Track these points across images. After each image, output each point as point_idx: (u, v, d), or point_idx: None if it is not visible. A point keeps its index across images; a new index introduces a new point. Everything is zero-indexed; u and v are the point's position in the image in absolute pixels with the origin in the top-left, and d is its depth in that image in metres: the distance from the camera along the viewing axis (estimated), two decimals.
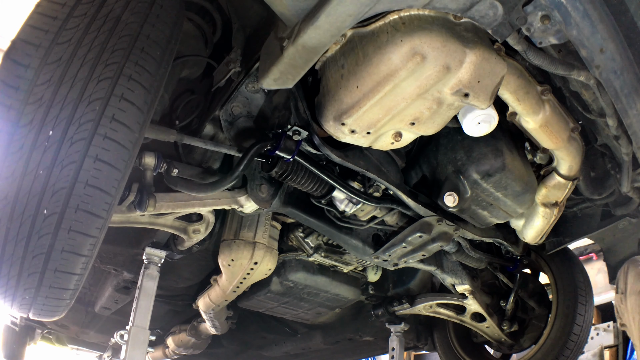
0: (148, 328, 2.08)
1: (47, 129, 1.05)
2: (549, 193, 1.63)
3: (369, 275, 2.53)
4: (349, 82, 1.15)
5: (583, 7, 0.95)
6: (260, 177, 1.64)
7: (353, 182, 1.52)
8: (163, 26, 1.22)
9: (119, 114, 1.10)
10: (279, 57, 1.11)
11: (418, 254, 1.78)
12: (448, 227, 1.66)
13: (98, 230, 1.15)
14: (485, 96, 1.14)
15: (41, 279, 1.15)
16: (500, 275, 2.38)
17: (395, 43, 1.06)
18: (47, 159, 1.05)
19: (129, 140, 1.12)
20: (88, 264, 1.21)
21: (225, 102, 1.47)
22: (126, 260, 2.34)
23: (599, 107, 1.33)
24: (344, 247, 1.94)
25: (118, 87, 1.10)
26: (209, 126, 1.60)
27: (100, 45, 1.10)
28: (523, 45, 1.05)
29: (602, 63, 1.06)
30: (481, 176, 1.45)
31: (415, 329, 3.17)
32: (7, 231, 1.08)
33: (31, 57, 1.06)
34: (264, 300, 2.47)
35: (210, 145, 1.50)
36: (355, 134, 1.23)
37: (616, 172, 1.59)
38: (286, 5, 1.03)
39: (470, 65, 1.08)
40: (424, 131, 1.25)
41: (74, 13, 1.11)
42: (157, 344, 3.43)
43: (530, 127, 1.34)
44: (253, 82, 1.41)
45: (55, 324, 3.25)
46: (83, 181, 1.07)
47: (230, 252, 2.02)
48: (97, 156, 1.08)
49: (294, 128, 1.36)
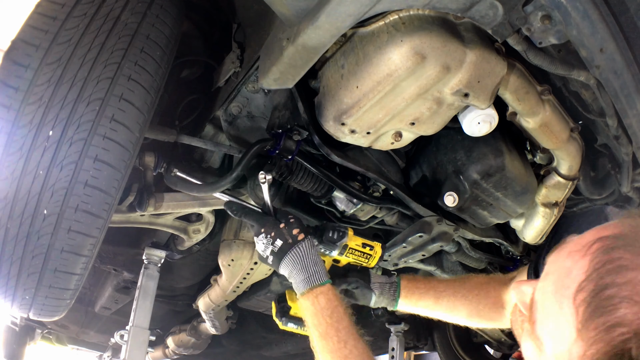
0: (148, 328, 2.08)
1: (47, 129, 1.05)
2: (549, 193, 1.62)
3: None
4: (349, 82, 1.15)
5: (583, 7, 0.95)
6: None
7: (353, 182, 1.52)
8: (163, 26, 1.22)
9: (119, 114, 1.10)
10: (279, 57, 1.11)
11: (418, 254, 1.78)
12: (448, 227, 1.66)
13: (98, 231, 1.16)
14: (485, 96, 1.14)
15: (41, 279, 1.15)
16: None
17: (396, 43, 1.06)
18: (47, 159, 1.05)
19: (128, 140, 1.13)
20: (88, 264, 1.21)
21: (225, 102, 1.47)
22: (126, 260, 2.34)
23: (599, 107, 1.32)
24: None
25: (117, 88, 1.10)
26: (209, 126, 1.60)
27: (100, 45, 1.10)
28: (523, 45, 1.05)
29: (602, 63, 1.06)
30: (481, 176, 1.44)
31: (415, 329, 3.18)
32: (7, 231, 1.08)
33: (31, 58, 1.06)
34: (264, 300, 2.46)
35: (210, 145, 1.50)
36: (355, 134, 1.23)
37: (616, 172, 1.59)
38: (286, 5, 1.03)
39: (470, 65, 1.08)
40: (424, 131, 1.25)
41: (73, 13, 1.11)
42: (157, 344, 3.44)
43: (530, 127, 1.34)
44: (253, 82, 1.41)
45: (55, 324, 3.25)
46: (83, 181, 1.08)
47: (230, 252, 2.02)
48: (96, 156, 1.08)
49: (294, 128, 1.36)
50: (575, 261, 0.72)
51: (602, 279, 0.67)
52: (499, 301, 1.44)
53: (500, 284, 1.47)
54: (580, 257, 0.71)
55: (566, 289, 0.70)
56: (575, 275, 0.70)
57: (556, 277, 0.74)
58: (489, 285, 1.49)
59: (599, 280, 0.67)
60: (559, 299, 0.71)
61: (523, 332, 0.82)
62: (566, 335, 0.69)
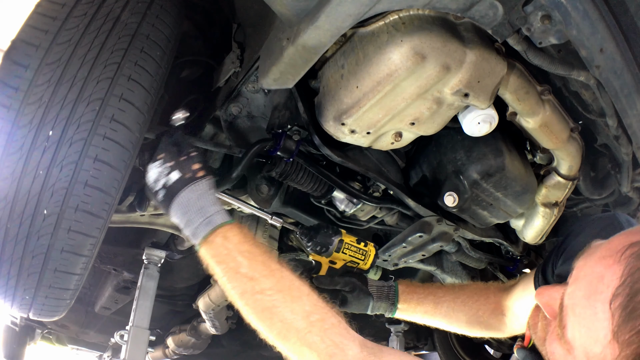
0: (148, 328, 2.08)
1: (47, 129, 1.05)
2: (549, 193, 1.62)
3: (369, 275, 2.53)
4: (349, 82, 1.15)
5: (583, 7, 0.95)
6: (260, 177, 1.64)
7: (353, 182, 1.52)
8: (163, 26, 1.22)
9: (119, 114, 1.10)
10: (279, 57, 1.11)
11: (418, 254, 1.78)
12: (448, 227, 1.66)
13: (98, 231, 1.15)
14: (485, 96, 1.14)
15: (41, 279, 1.15)
16: (500, 275, 2.37)
17: (396, 43, 1.06)
18: (47, 159, 1.05)
19: (128, 140, 1.12)
20: (88, 264, 1.21)
21: (225, 102, 1.47)
22: (126, 260, 2.34)
23: (599, 107, 1.32)
24: None
25: (117, 88, 1.10)
26: (209, 126, 1.60)
27: (100, 45, 1.10)
28: (523, 45, 1.05)
29: (602, 63, 1.06)
30: (481, 176, 1.44)
31: (415, 329, 3.18)
32: (7, 231, 1.08)
33: (31, 58, 1.06)
34: None
35: (210, 145, 1.50)
36: (355, 134, 1.23)
37: (616, 172, 1.59)
38: (286, 5, 1.03)
39: (470, 65, 1.08)
40: (424, 131, 1.25)
41: (73, 13, 1.11)
42: (157, 344, 3.43)
43: (530, 127, 1.34)
44: (253, 82, 1.41)
45: (55, 324, 3.25)
46: (82, 181, 1.07)
47: None
48: (96, 156, 1.08)
49: (294, 128, 1.36)
50: (607, 266, 0.73)
51: (638, 283, 0.68)
52: (498, 307, 1.44)
53: (500, 291, 1.46)
54: (613, 263, 0.72)
55: (600, 294, 0.72)
56: (608, 280, 0.72)
57: (587, 283, 0.75)
58: (488, 291, 1.48)
59: (634, 284, 0.69)
60: (592, 303, 0.73)
61: (549, 336, 0.83)
62: (601, 338, 0.71)
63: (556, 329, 0.80)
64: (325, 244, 1.40)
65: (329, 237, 1.40)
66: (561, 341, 0.79)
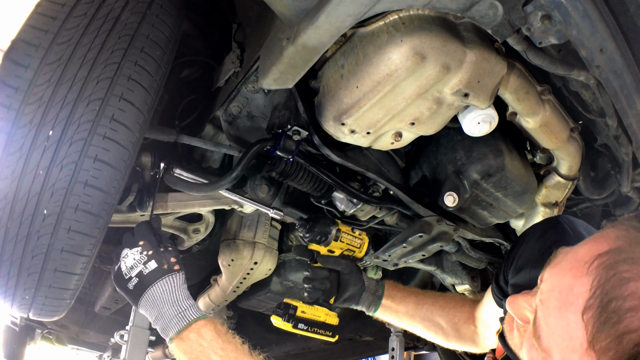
0: (148, 328, 2.08)
1: (47, 129, 1.05)
2: (549, 193, 1.62)
3: (369, 275, 2.53)
4: (348, 82, 1.15)
5: (583, 7, 0.95)
6: (260, 177, 1.64)
7: (353, 182, 1.52)
8: (163, 26, 1.22)
9: (119, 114, 1.10)
10: (279, 57, 1.11)
11: (418, 254, 1.77)
12: (448, 227, 1.66)
13: (98, 231, 1.16)
14: (485, 96, 1.14)
15: (41, 279, 1.15)
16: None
17: (395, 43, 1.06)
18: (47, 159, 1.05)
19: (128, 140, 1.13)
20: (88, 264, 1.21)
21: (225, 102, 1.47)
22: None
23: (599, 107, 1.32)
24: None
25: (117, 87, 1.10)
26: (209, 126, 1.60)
27: (100, 45, 1.10)
28: (523, 45, 1.05)
29: (602, 63, 1.06)
30: (481, 176, 1.44)
31: None
32: (7, 231, 1.08)
33: (31, 58, 1.06)
34: (264, 300, 2.46)
35: (210, 145, 1.50)
36: (355, 134, 1.23)
37: (616, 172, 1.59)
38: (286, 5, 1.03)
39: (470, 65, 1.08)
40: (424, 131, 1.25)
41: (73, 13, 1.11)
42: (157, 344, 3.43)
43: (530, 127, 1.34)
44: (253, 82, 1.41)
45: (55, 324, 3.24)
46: (82, 181, 1.08)
47: (230, 252, 2.02)
48: (96, 156, 1.08)
49: (294, 128, 1.36)
50: (576, 277, 0.74)
51: (608, 294, 0.69)
52: (470, 317, 1.51)
53: (473, 302, 1.55)
54: (582, 275, 0.73)
55: (570, 305, 0.72)
56: (578, 292, 0.72)
57: (558, 294, 0.76)
58: (464, 301, 1.57)
59: (605, 296, 0.69)
60: (564, 315, 0.73)
61: (526, 342, 0.84)
62: (577, 347, 0.71)
63: (531, 338, 0.81)
64: (325, 233, 1.45)
65: (327, 227, 1.46)
66: (538, 350, 0.79)
